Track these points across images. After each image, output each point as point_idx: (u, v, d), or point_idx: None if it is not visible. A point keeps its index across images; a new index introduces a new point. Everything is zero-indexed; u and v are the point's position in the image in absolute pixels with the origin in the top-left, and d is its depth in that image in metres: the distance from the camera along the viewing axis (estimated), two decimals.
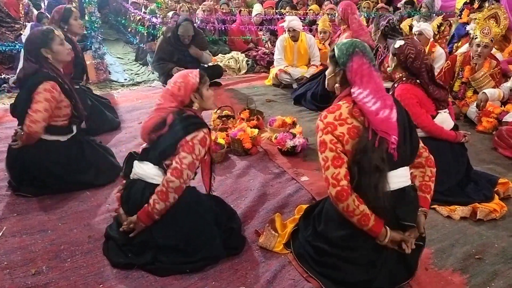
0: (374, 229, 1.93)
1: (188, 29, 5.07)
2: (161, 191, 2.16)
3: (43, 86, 2.73)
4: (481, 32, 4.28)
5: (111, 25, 9.39)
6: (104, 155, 3.19)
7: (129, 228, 2.25)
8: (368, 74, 1.94)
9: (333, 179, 1.91)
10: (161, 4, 6.25)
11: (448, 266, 2.32)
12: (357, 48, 1.96)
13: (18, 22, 5.68)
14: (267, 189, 3.05)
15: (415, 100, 2.83)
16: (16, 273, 2.17)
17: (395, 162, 1.96)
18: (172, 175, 2.15)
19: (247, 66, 6.50)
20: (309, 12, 7.72)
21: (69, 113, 2.90)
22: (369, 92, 1.92)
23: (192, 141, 2.19)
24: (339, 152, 1.92)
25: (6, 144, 3.10)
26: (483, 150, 3.79)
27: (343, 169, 1.91)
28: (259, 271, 2.26)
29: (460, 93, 4.60)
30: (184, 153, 2.17)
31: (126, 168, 2.35)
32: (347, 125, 1.94)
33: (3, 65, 5.38)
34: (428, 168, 2.16)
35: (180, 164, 2.16)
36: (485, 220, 2.73)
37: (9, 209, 2.72)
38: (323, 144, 1.94)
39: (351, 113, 1.95)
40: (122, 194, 2.34)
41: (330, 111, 1.99)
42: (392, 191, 1.95)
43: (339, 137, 1.93)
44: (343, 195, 1.89)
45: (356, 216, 1.91)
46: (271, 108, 4.79)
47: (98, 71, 5.66)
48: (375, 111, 1.90)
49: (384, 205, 1.91)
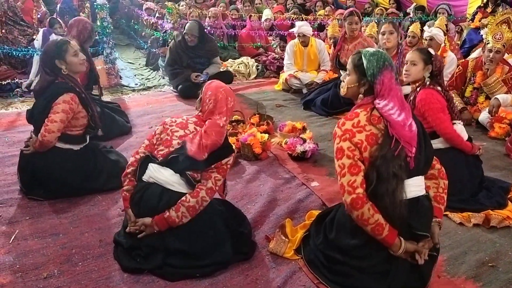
0: (387, 240, 1.92)
1: (192, 27, 5.08)
2: (193, 207, 2.21)
3: (63, 97, 2.78)
4: (493, 37, 4.25)
5: (122, 31, 9.49)
6: (116, 160, 3.21)
7: (137, 230, 2.25)
8: (395, 88, 1.96)
9: (349, 187, 1.90)
10: (172, 9, 6.30)
11: (461, 274, 2.29)
12: (386, 61, 1.96)
13: (31, 27, 5.75)
14: (277, 194, 3.05)
15: (439, 105, 2.81)
16: (28, 276, 2.18)
17: (410, 171, 1.95)
18: (208, 195, 2.25)
19: (257, 71, 6.52)
20: (318, 17, 7.73)
21: (85, 123, 2.94)
22: (394, 104, 1.93)
23: (226, 164, 2.32)
24: (356, 160, 1.91)
25: (19, 148, 3.14)
26: (495, 156, 3.75)
27: (360, 177, 1.90)
28: (269, 277, 2.24)
29: (472, 98, 4.57)
30: (219, 175, 2.30)
31: (140, 170, 2.34)
32: (365, 132, 1.93)
33: (16, 70, 5.45)
34: (441, 180, 2.15)
35: (215, 186, 2.28)
36: (498, 227, 2.69)
37: (21, 213, 2.75)
38: (340, 151, 1.94)
39: (369, 121, 1.94)
40: (134, 196, 2.33)
41: (348, 118, 1.99)
42: (406, 200, 1.93)
43: (357, 144, 1.92)
44: (358, 203, 1.88)
45: (370, 225, 1.90)
46: (281, 113, 4.79)
47: (110, 76, 5.72)
48: (401, 122, 1.91)
49: (400, 213, 1.89)
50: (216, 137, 2.24)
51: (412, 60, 2.89)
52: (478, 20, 6.33)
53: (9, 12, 5.51)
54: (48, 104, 2.78)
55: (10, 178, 3.15)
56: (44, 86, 2.83)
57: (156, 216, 2.22)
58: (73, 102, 2.81)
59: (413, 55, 2.90)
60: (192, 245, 2.26)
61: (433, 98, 2.81)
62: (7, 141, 3.85)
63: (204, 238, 2.28)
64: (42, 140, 2.76)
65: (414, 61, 2.88)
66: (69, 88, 2.84)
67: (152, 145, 2.37)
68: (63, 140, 2.87)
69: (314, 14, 8.24)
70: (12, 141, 3.83)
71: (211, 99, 2.31)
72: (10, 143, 3.80)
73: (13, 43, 5.41)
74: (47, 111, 2.77)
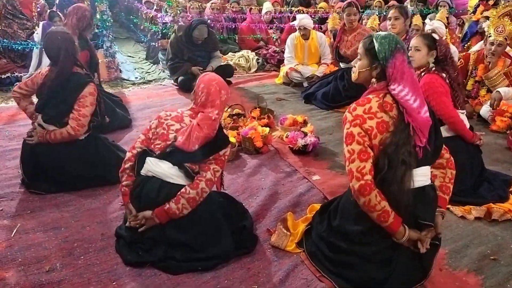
0: (392, 227, 1.92)
1: (203, 32, 5.14)
2: (193, 198, 2.21)
3: (88, 89, 2.83)
4: (495, 30, 4.23)
5: (121, 24, 9.43)
6: (117, 153, 3.21)
7: (138, 223, 2.26)
8: (408, 71, 1.93)
9: (358, 173, 1.88)
10: (172, 2, 6.26)
11: (462, 267, 2.29)
12: (398, 44, 1.93)
13: (30, 21, 5.72)
14: (278, 188, 3.04)
15: (443, 89, 2.78)
16: (31, 270, 2.19)
17: (418, 160, 1.94)
18: (207, 186, 2.26)
19: (258, 64, 6.50)
20: (319, 10, 7.69)
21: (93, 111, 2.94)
22: (409, 89, 1.91)
23: (224, 156, 2.33)
24: (366, 146, 1.90)
25: (19, 142, 3.14)
26: (497, 150, 3.75)
27: (369, 163, 1.89)
28: (271, 270, 2.25)
29: (474, 91, 4.55)
30: (218, 166, 2.31)
31: (138, 164, 2.34)
32: (376, 119, 1.91)
33: (15, 64, 5.42)
34: (448, 170, 2.14)
35: (214, 177, 2.28)
36: (500, 221, 2.69)
37: (23, 207, 2.75)
38: (351, 136, 1.92)
39: (381, 107, 1.92)
40: (134, 191, 2.33)
41: (359, 104, 1.96)
42: (413, 189, 1.93)
43: (367, 130, 1.90)
44: (366, 189, 1.87)
45: (376, 211, 1.89)
46: (282, 106, 4.78)
47: (110, 69, 5.69)
48: (417, 109, 1.90)
49: (407, 200, 1.89)
50: (208, 130, 2.24)
51: (416, 45, 2.86)
52: (480, 12, 6.30)
53: (7, 6, 5.46)
54: (72, 95, 2.80)
55: (11, 172, 3.14)
56: (62, 76, 2.82)
57: (156, 209, 2.23)
58: (95, 93, 2.87)
59: (416, 40, 2.88)
60: (193, 237, 2.26)
61: (437, 83, 2.78)
62: (7, 135, 3.84)
63: (205, 230, 2.29)
64: (75, 134, 2.82)
65: (418, 46, 2.85)
66: (89, 78, 2.89)
67: (148, 140, 2.36)
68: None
69: (314, 6, 8.19)
70: (13, 135, 3.82)
71: (204, 91, 2.31)
72: (11, 137, 3.79)
73: (13, 37, 5.38)
74: (70, 103, 2.80)
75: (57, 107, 2.83)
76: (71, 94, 2.81)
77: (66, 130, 2.81)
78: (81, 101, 2.81)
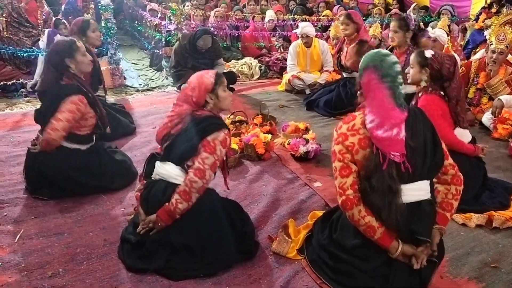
0: (381, 242, 1.95)
1: (207, 42, 5.20)
2: (183, 191, 2.19)
3: (71, 98, 2.80)
4: (496, 38, 4.25)
5: (126, 31, 9.52)
6: (121, 160, 3.24)
7: (147, 228, 2.27)
8: (374, 90, 1.94)
9: (340, 188, 1.97)
10: (176, 10, 6.32)
11: (463, 275, 2.29)
12: (370, 62, 1.96)
13: (36, 28, 5.78)
14: (280, 194, 3.06)
15: (439, 112, 2.76)
16: (33, 275, 2.21)
17: (412, 175, 1.93)
18: (196, 175, 2.19)
19: (260, 71, 6.53)
20: (322, 18, 7.74)
21: (94, 123, 2.96)
22: (371, 108, 1.93)
23: (213, 141, 2.23)
24: (347, 162, 1.96)
25: (24, 148, 3.17)
26: (498, 157, 3.75)
27: (350, 178, 1.95)
28: (272, 277, 2.26)
29: (475, 99, 4.57)
30: (206, 153, 2.21)
31: (147, 168, 2.37)
32: (358, 135, 1.96)
33: (21, 70, 5.48)
34: (453, 186, 2.11)
35: (203, 165, 2.20)
36: (501, 228, 2.69)
37: (27, 212, 2.77)
38: (334, 154, 2.01)
39: (363, 124, 1.96)
40: (142, 194, 2.36)
41: (345, 122, 2.03)
42: (407, 204, 1.93)
43: (348, 147, 1.96)
44: (347, 204, 1.94)
45: (361, 226, 1.96)
46: (284, 113, 4.81)
47: (114, 76, 5.74)
48: (375, 127, 1.90)
49: (396, 221, 1.90)
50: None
51: (410, 63, 2.89)
52: (482, 20, 6.33)
53: (13, 14, 5.53)
54: (54, 104, 2.80)
55: (16, 177, 3.18)
56: (47, 85, 2.85)
57: (158, 210, 2.24)
58: (80, 103, 2.83)
59: (411, 57, 2.89)
60: (196, 240, 2.26)
61: (433, 105, 2.75)
62: (12, 141, 3.88)
63: (208, 234, 2.29)
64: (47, 138, 2.78)
65: (411, 64, 2.86)
66: (77, 89, 2.86)
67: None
68: (71, 140, 2.90)
69: (317, 15, 8.24)
70: (17, 141, 3.86)
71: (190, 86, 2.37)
72: (15, 143, 3.82)
73: (18, 44, 5.44)
74: (53, 111, 2.79)
75: (45, 116, 2.84)
76: (54, 103, 2.81)
77: (43, 136, 2.82)
78: (60, 107, 2.78)
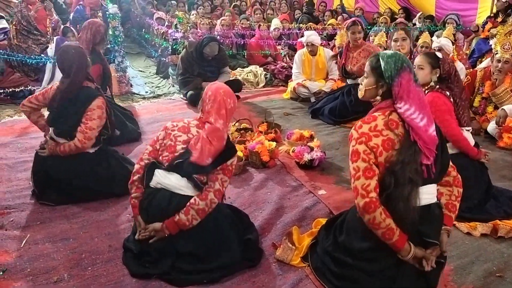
0: (397, 244, 1.92)
1: (214, 49, 5.24)
2: (203, 210, 2.25)
3: (96, 102, 2.88)
4: (501, 47, 4.25)
5: (133, 39, 9.61)
6: (127, 166, 3.25)
7: (147, 236, 2.29)
8: (414, 90, 1.94)
9: (363, 190, 1.90)
10: (182, 19, 6.39)
11: (468, 284, 2.28)
12: (404, 63, 1.95)
13: (44, 36, 5.86)
14: (284, 202, 3.06)
15: (446, 108, 2.79)
16: (39, 280, 2.23)
17: (425, 178, 1.95)
18: (216, 196, 2.29)
19: (266, 79, 6.56)
20: (327, 27, 7.78)
21: (103, 125, 3.00)
22: (415, 108, 1.92)
23: (231, 165, 2.36)
24: (372, 164, 1.91)
25: (31, 154, 3.21)
26: (504, 166, 3.73)
27: (374, 181, 1.90)
28: (276, 284, 2.26)
29: (481, 108, 4.56)
30: (226, 177, 2.33)
31: (147, 176, 2.37)
32: (382, 137, 1.93)
33: (29, 77, 5.54)
34: (455, 188, 2.14)
35: (222, 187, 2.32)
36: (506, 238, 2.68)
37: (33, 218, 2.80)
38: (356, 154, 1.94)
39: (387, 125, 1.95)
40: (142, 203, 2.37)
41: (365, 121, 1.99)
42: (418, 207, 1.93)
43: (373, 148, 1.92)
44: (371, 207, 1.88)
45: (381, 229, 1.90)
46: (289, 121, 4.82)
47: (121, 84, 5.80)
48: (423, 127, 1.91)
49: (412, 218, 1.89)
50: (218, 143, 2.27)
51: (419, 64, 2.89)
52: (487, 29, 6.33)
53: (23, 22, 5.61)
54: (81, 109, 2.87)
55: (22, 183, 3.21)
56: (73, 90, 2.89)
57: (166, 221, 2.25)
58: (103, 106, 2.92)
59: (420, 59, 2.91)
60: (200, 247, 2.28)
61: (440, 101, 2.79)
62: (20, 147, 3.92)
63: (212, 240, 2.31)
64: (82, 146, 2.87)
65: (421, 65, 2.88)
66: (98, 92, 2.95)
67: (156, 151, 2.40)
68: None
69: (323, 23, 8.29)
70: (25, 147, 3.90)
71: (211, 99, 2.35)
72: (23, 149, 3.87)
73: (27, 52, 5.51)
74: (79, 116, 2.86)
75: (67, 121, 2.90)
76: (80, 107, 2.88)
77: (74, 143, 2.87)
78: (89, 114, 2.87)
